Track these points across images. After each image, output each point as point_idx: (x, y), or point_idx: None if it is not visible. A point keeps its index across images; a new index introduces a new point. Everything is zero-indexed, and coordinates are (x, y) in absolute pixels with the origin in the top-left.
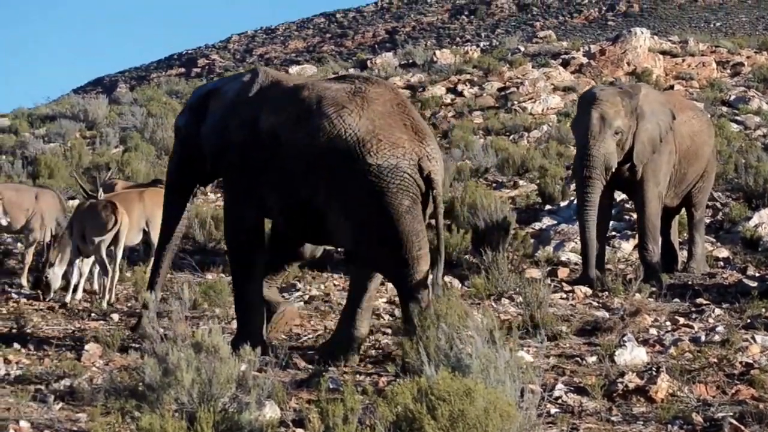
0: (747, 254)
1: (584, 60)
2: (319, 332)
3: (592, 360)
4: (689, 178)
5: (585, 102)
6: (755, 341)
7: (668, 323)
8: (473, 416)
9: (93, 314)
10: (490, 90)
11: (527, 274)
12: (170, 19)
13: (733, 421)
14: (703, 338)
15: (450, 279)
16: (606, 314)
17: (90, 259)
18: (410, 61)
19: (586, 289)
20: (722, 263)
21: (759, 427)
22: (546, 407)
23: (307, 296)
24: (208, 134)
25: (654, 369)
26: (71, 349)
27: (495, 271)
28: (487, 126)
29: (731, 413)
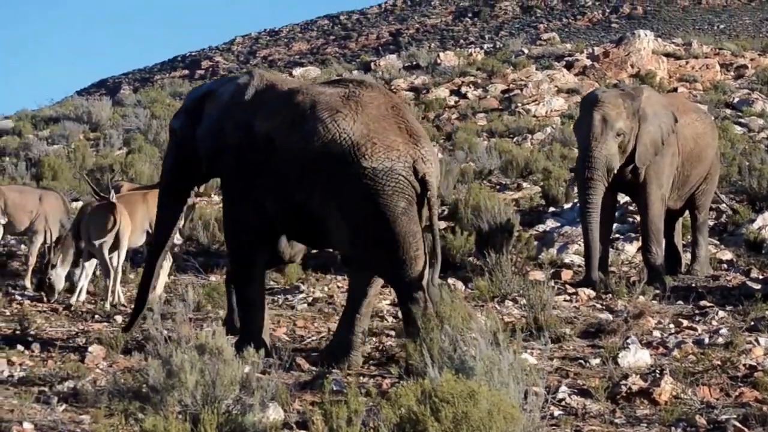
0: (750, 256)
1: (588, 62)
2: (322, 334)
3: (595, 362)
4: (692, 181)
5: (587, 104)
6: (759, 343)
7: (672, 325)
8: (477, 418)
9: (96, 316)
10: (494, 92)
11: (531, 277)
12: (174, 20)
13: (737, 424)
14: (706, 340)
15: (453, 281)
16: (609, 316)
17: (94, 261)
18: (414, 63)
19: (590, 292)
20: (726, 265)
21: (762, 429)
22: (549, 409)
23: (311, 298)
24: (203, 136)
25: (657, 371)
26: (75, 350)
27: (498, 273)
28: (490, 128)
29: (735, 416)
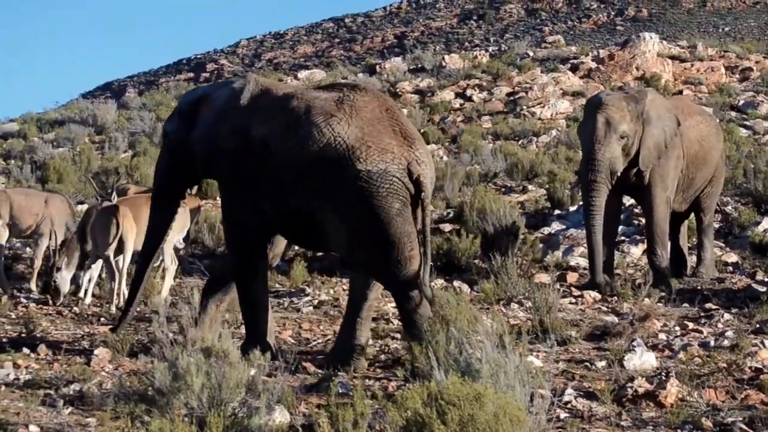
0: (756, 259)
1: (593, 65)
2: (328, 337)
3: (601, 365)
4: (697, 183)
5: (591, 107)
6: (764, 346)
7: (677, 328)
8: (483, 421)
9: (102, 319)
10: (499, 95)
11: (536, 279)
12: (179, 23)
13: (743, 426)
14: (712, 343)
15: (459, 284)
16: (615, 319)
17: (99, 264)
18: (419, 66)
19: (595, 294)
20: (731, 268)
21: None
22: (555, 412)
23: (317, 301)
24: (198, 140)
25: (663, 374)
26: (80, 353)
27: (504, 275)
28: (496, 131)
29: (741, 418)
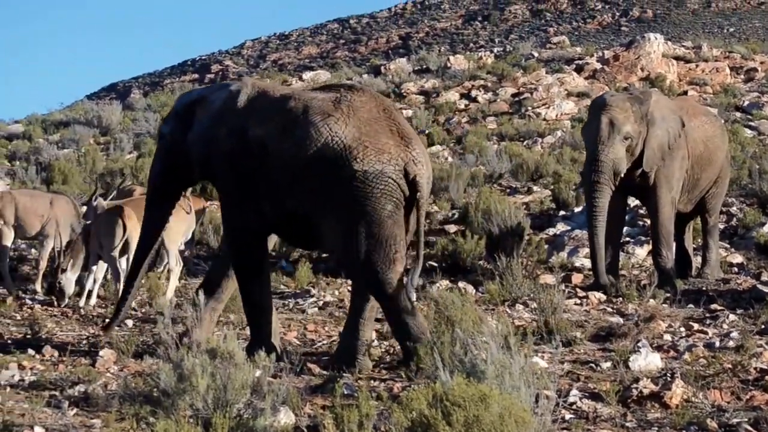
0: (761, 260)
1: (598, 65)
2: (333, 338)
3: (606, 366)
4: (702, 184)
5: (595, 107)
6: None
7: (682, 329)
8: (488, 422)
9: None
10: (504, 96)
11: (541, 280)
12: (184, 24)
13: (748, 427)
14: (717, 344)
15: (464, 285)
16: (620, 320)
17: (104, 265)
18: (424, 66)
19: (600, 295)
20: (736, 269)
21: None
22: (561, 413)
23: (321, 302)
24: (195, 142)
25: (668, 375)
26: (86, 354)
27: (509, 276)
28: (500, 132)
29: (746, 419)
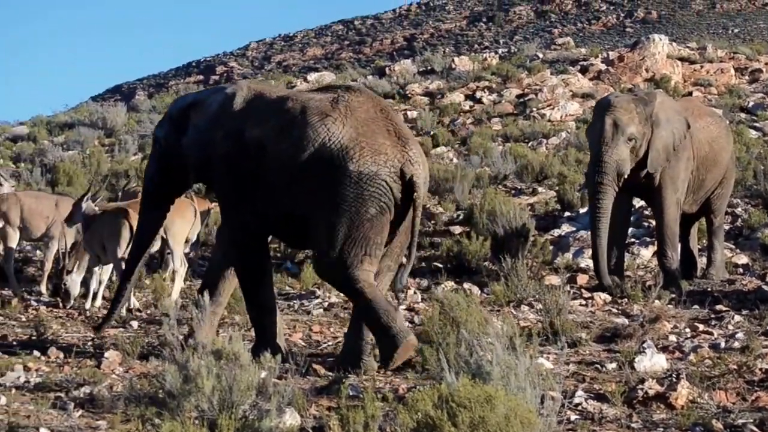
0: (766, 261)
1: (603, 67)
2: (338, 339)
3: (611, 367)
4: (708, 185)
5: (600, 108)
6: None
7: (688, 330)
8: (494, 423)
9: (112, 321)
10: (509, 97)
11: (546, 281)
12: (188, 26)
13: (754, 428)
14: (722, 345)
15: (469, 286)
16: (625, 321)
17: (109, 267)
18: (429, 68)
19: (606, 296)
20: (741, 270)
21: None
22: (566, 414)
23: (327, 303)
24: (191, 146)
25: (674, 376)
26: (91, 356)
27: (514, 278)
28: (505, 133)
29: (751, 420)
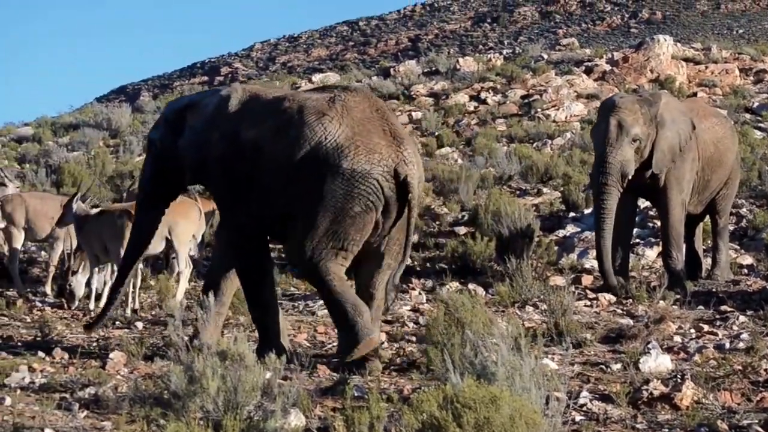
0: None
1: (607, 67)
2: None
3: (616, 367)
4: (713, 185)
5: (604, 109)
6: None
7: (693, 330)
8: (499, 424)
9: (117, 322)
10: (514, 97)
11: (551, 282)
12: (193, 27)
13: (759, 429)
14: (727, 345)
15: (474, 286)
16: (630, 322)
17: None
18: (433, 68)
19: (610, 297)
20: (746, 270)
21: None
22: (571, 415)
23: None
24: (187, 147)
25: (679, 376)
26: (96, 357)
27: (519, 278)
28: (510, 133)
29: (756, 420)
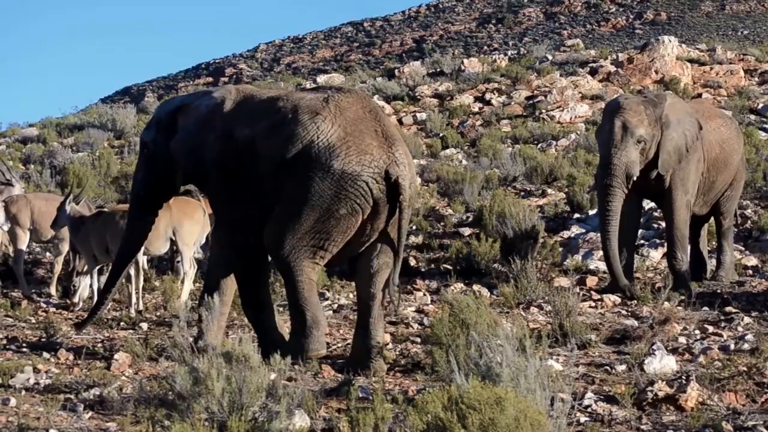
0: None
1: (612, 68)
2: (348, 341)
3: (621, 368)
4: (718, 186)
5: (609, 110)
6: None
7: (697, 332)
8: (504, 425)
9: (122, 323)
10: (518, 98)
11: (556, 283)
12: (198, 28)
13: (763, 430)
14: (732, 346)
15: (479, 288)
16: (635, 323)
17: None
18: (438, 69)
19: (615, 298)
20: (751, 271)
21: None
22: (576, 416)
23: (336, 305)
24: (179, 149)
25: (683, 377)
26: (101, 358)
27: (524, 279)
28: (515, 134)
29: (761, 422)
